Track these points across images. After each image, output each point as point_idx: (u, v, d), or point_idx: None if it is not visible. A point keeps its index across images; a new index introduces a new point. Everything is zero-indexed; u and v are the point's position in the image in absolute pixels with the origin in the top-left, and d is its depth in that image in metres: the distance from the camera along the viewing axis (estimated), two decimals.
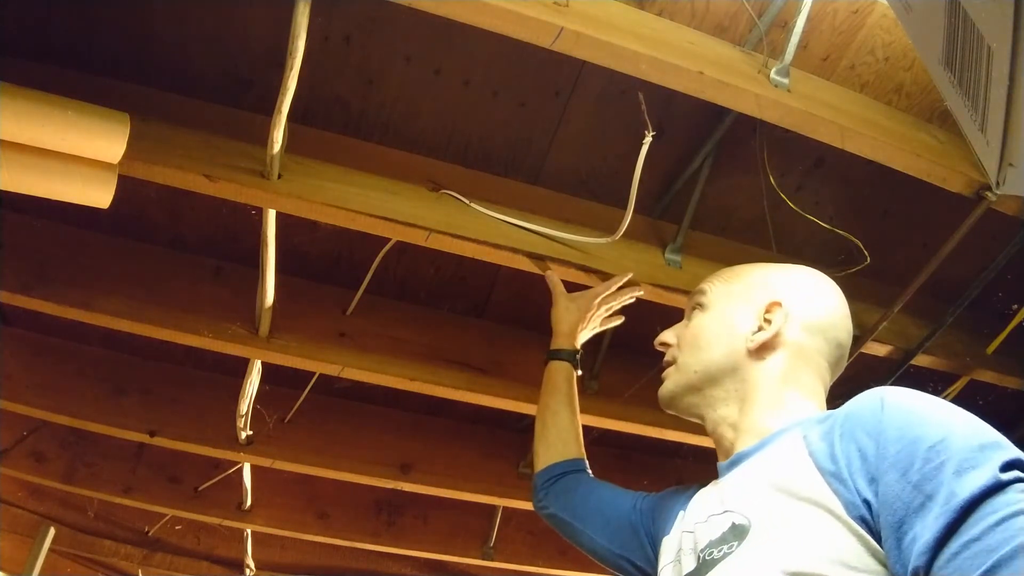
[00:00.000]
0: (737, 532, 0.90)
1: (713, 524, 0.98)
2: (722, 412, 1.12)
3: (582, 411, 1.61)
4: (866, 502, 0.77)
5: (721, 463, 1.10)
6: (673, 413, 1.21)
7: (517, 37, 1.46)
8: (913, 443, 0.76)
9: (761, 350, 1.10)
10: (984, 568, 0.66)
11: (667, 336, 1.22)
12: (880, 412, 0.81)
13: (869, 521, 0.77)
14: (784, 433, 0.99)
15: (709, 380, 1.13)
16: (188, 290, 2.05)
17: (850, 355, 2.12)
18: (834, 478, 0.81)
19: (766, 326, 1.11)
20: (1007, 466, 0.71)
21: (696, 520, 1.04)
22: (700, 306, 1.19)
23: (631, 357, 2.27)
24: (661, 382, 1.20)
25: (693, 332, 1.17)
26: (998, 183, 1.36)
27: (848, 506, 0.78)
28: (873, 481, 0.77)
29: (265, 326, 2.01)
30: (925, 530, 0.70)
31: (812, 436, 0.91)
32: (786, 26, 1.63)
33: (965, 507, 0.69)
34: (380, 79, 1.81)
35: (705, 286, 1.21)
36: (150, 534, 3.30)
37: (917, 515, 0.72)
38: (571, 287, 1.81)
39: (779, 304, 1.13)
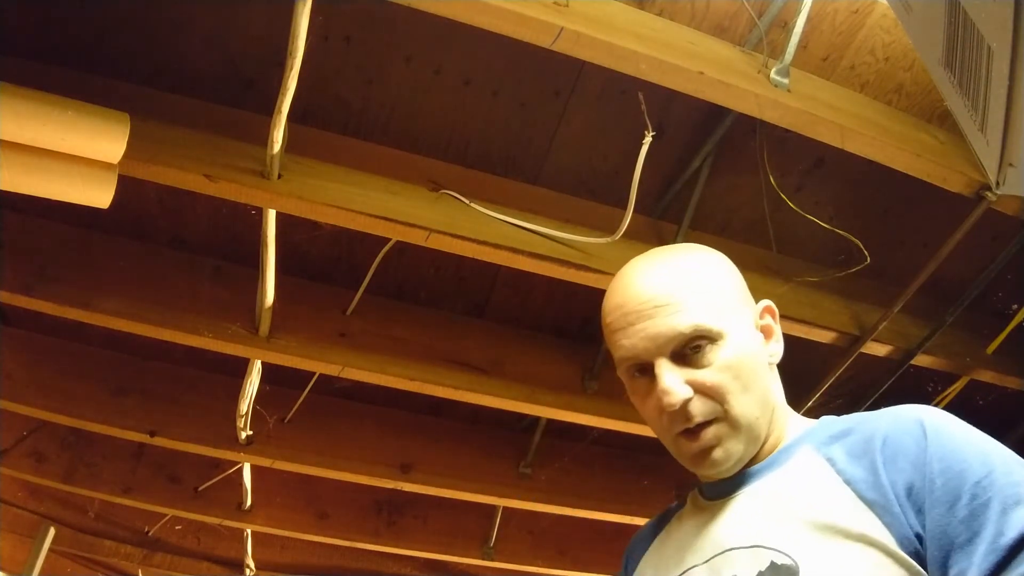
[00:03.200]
0: (782, 573, 0.81)
1: (739, 561, 0.86)
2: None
3: (582, 411, 1.61)
4: (918, 536, 0.78)
5: (713, 483, 0.96)
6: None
7: (517, 37, 1.46)
8: (959, 477, 0.77)
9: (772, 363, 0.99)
10: None
11: (681, 391, 0.89)
12: (923, 440, 0.81)
13: (922, 554, 0.77)
14: (794, 449, 0.92)
15: (767, 418, 0.94)
16: (188, 290, 2.05)
17: (850, 355, 2.15)
18: (884, 511, 0.79)
19: (770, 335, 0.98)
20: None
21: (704, 556, 0.91)
22: (708, 340, 0.90)
23: None
24: (707, 449, 0.91)
25: (731, 372, 0.90)
26: (998, 183, 1.36)
27: (902, 541, 0.78)
28: (920, 513, 0.78)
29: (265, 326, 2.01)
30: (972, 567, 0.73)
31: (836, 456, 0.86)
32: (786, 26, 1.63)
33: (1013, 546, 0.72)
34: (380, 79, 1.81)
35: (693, 319, 0.90)
36: (150, 534, 3.30)
37: (963, 551, 0.74)
38: (571, 287, 1.81)
39: (770, 307, 1.00)
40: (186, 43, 1.72)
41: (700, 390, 0.89)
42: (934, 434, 0.82)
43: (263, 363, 2.23)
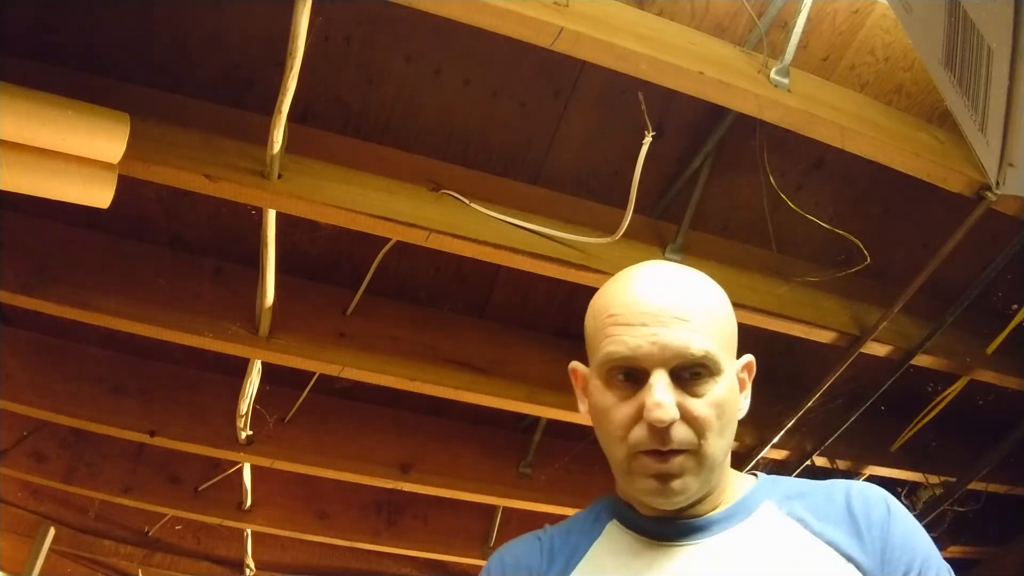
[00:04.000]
0: None
1: None
2: None
3: None
4: None
5: (659, 519, 0.91)
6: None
7: (517, 37, 1.46)
8: (912, 552, 0.88)
9: None
10: None
11: (673, 410, 0.85)
12: (888, 515, 0.90)
13: None
14: (752, 503, 0.92)
15: (724, 467, 0.92)
16: (188, 290, 2.05)
17: (850, 355, 2.15)
18: (868, 571, 0.86)
19: (744, 388, 0.95)
20: None
21: None
22: (709, 372, 0.87)
23: None
24: (668, 476, 0.86)
25: (717, 411, 0.87)
26: (998, 183, 1.36)
27: None
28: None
29: (265, 326, 2.01)
30: None
31: (805, 516, 0.90)
32: (786, 26, 1.63)
33: None
34: (380, 79, 1.81)
35: (706, 345, 0.87)
36: (150, 534, 3.29)
37: None
38: (571, 287, 1.81)
39: (751, 363, 0.96)
40: (186, 43, 1.72)
41: (686, 417, 0.85)
42: (895, 516, 0.90)
43: (263, 363, 2.23)
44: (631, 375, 0.87)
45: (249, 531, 3.20)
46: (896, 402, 2.37)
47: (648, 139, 1.62)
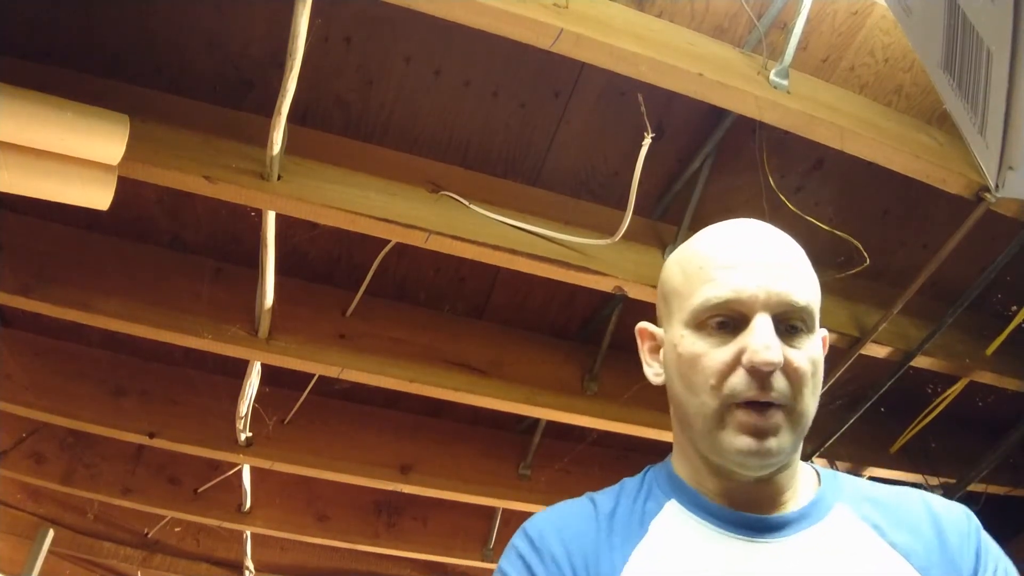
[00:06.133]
0: None
1: None
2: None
3: (582, 412, 1.60)
4: None
5: (734, 512, 0.85)
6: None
7: (517, 39, 1.46)
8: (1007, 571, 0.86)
9: None
10: None
11: (779, 353, 0.79)
12: (977, 534, 0.88)
13: None
14: (826, 504, 0.87)
15: (801, 444, 0.87)
16: (188, 291, 2.05)
17: (850, 356, 2.15)
18: None
19: None
20: None
21: None
22: (806, 328, 0.83)
23: (631, 358, 2.25)
24: (765, 432, 0.80)
25: (813, 367, 0.82)
26: (997, 186, 1.36)
27: None
28: None
29: (265, 327, 2.01)
30: None
31: (881, 523, 0.86)
32: (785, 27, 1.63)
33: None
34: (380, 80, 1.81)
35: (809, 297, 0.83)
36: (149, 536, 3.29)
37: None
38: (571, 288, 1.81)
39: (827, 339, 0.90)
40: (186, 44, 1.72)
41: (785, 368, 0.79)
42: (982, 532, 0.87)
43: (262, 364, 2.23)
44: (726, 323, 0.82)
45: (248, 533, 3.20)
46: (896, 403, 2.37)
47: (648, 140, 1.63)
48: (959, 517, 0.88)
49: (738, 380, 0.80)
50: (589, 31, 1.45)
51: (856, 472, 2.57)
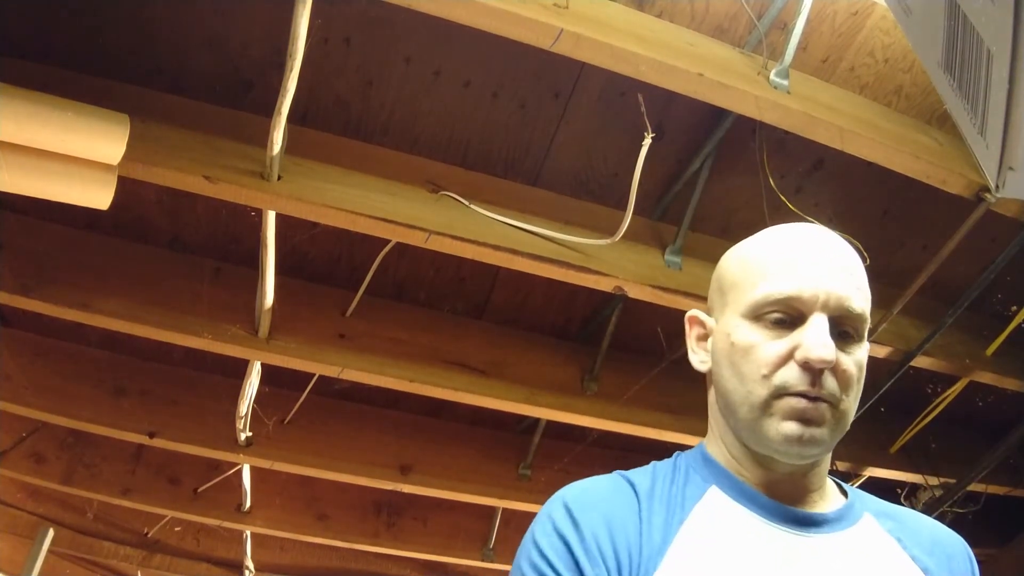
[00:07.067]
0: None
1: None
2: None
3: (581, 413, 1.61)
4: None
5: (777, 503, 0.86)
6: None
7: (517, 39, 1.46)
8: None
9: None
10: None
11: (833, 352, 0.82)
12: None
13: None
14: (855, 512, 0.90)
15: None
16: (188, 291, 2.05)
17: None
18: None
19: None
20: None
21: None
22: (856, 333, 0.86)
23: (631, 358, 2.27)
24: (809, 422, 0.82)
25: (859, 373, 0.85)
26: (997, 186, 1.36)
27: None
28: None
29: (265, 327, 2.01)
30: None
31: (903, 537, 0.89)
32: (785, 28, 1.63)
33: None
34: (380, 80, 1.81)
35: (864, 306, 0.86)
36: (149, 535, 3.29)
37: None
38: (571, 288, 1.81)
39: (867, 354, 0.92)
40: (186, 44, 1.72)
41: (835, 369, 0.82)
42: (975, 563, 0.92)
43: (262, 364, 2.23)
44: (784, 320, 0.84)
45: (248, 532, 3.20)
46: (896, 403, 2.37)
47: (648, 140, 1.63)
48: (961, 544, 0.93)
49: (790, 373, 0.82)
50: (589, 31, 1.45)
51: (856, 472, 2.57)
